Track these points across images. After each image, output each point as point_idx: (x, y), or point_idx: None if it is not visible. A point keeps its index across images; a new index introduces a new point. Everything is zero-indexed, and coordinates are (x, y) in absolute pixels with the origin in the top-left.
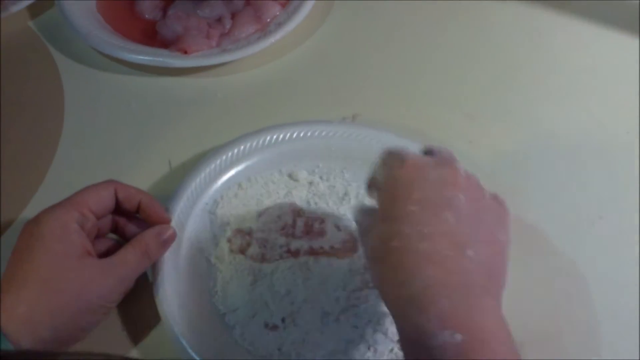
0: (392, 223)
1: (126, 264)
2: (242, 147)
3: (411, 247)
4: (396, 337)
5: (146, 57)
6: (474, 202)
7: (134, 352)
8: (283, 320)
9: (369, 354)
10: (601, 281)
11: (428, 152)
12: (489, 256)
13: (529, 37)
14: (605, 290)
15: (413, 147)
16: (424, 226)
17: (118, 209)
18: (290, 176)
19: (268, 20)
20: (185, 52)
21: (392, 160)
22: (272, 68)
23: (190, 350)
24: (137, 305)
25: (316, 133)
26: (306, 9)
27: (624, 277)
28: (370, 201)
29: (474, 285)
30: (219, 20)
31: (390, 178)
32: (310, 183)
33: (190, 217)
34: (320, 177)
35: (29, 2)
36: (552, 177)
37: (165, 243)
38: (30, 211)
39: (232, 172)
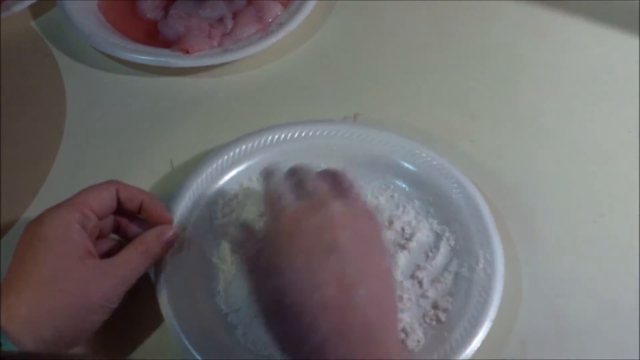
0: (282, 277)
1: (128, 264)
2: (243, 146)
3: (304, 301)
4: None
5: (148, 57)
6: (356, 237)
7: (136, 352)
8: None
9: None
10: (602, 279)
11: (295, 182)
12: (380, 288)
13: (530, 37)
14: (606, 289)
15: (411, 145)
16: (312, 277)
17: (120, 210)
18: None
19: (270, 20)
20: (187, 52)
21: (269, 208)
22: (273, 68)
23: (192, 350)
24: (140, 305)
25: (318, 133)
26: (308, 8)
27: (625, 275)
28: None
29: (370, 323)
30: (221, 20)
31: (271, 232)
32: None
33: (192, 217)
34: None
35: (31, 2)
36: (553, 176)
37: (167, 243)
38: (32, 211)
39: (234, 172)
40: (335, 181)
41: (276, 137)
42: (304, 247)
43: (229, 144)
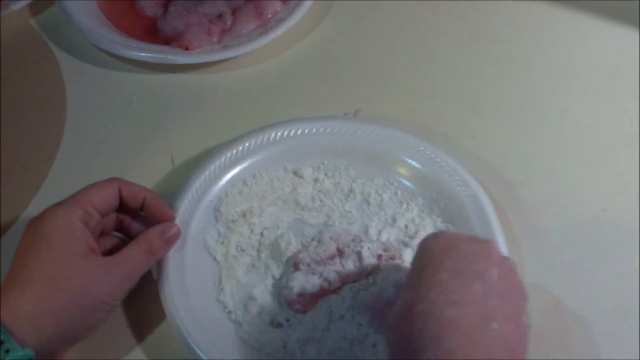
0: (419, 289)
1: (131, 261)
2: (246, 144)
3: (437, 312)
4: None
5: (147, 54)
6: (505, 279)
7: (138, 350)
8: (288, 319)
9: (374, 352)
10: (605, 274)
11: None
12: (512, 333)
13: (532, 33)
14: (609, 284)
15: (414, 142)
16: (451, 294)
17: (122, 207)
18: (295, 173)
19: (269, 16)
20: (187, 49)
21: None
22: (273, 64)
23: (195, 348)
24: (142, 303)
25: (321, 130)
26: (307, 4)
27: (628, 269)
28: None
29: (495, 358)
30: (220, 16)
31: (423, 248)
32: (315, 180)
33: (195, 214)
34: (326, 174)
35: (30, 0)
36: (556, 170)
37: (170, 241)
38: (33, 209)
39: (236, 169)
40: None
41: (279, 134)
42: (453, 266)
43: (231, 141)
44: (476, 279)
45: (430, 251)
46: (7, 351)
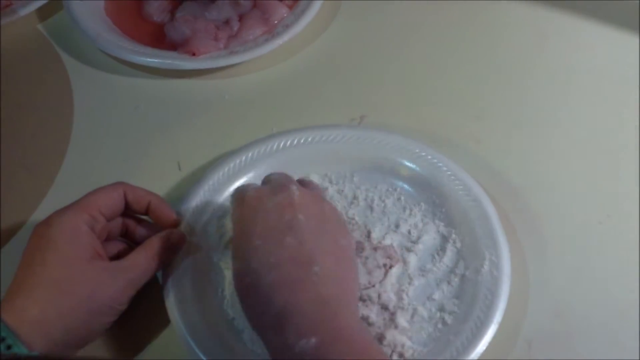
0: (242, 261)
1: (136, 267)
2: (250, 153)
3: (261, 281)
4: (408, 332)
5: (154, 60)
6: (313, 217)
7: (143, 354)
8: None
9: None
10: (609, 280)
11: (265, 182)
12: (335, 264)
13: (535, 38)
14: (613, 290)
15: (416, 147)
16: (269, 257)
17: (127, 211)
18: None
19: (275, 22)
20: (194, 54)
21: (235, 200)
22: (279, 69)
23: (199, 353)
24: (147, 308)
25: (324, 138)
26: (313, 10)
27: (632, 275)
28: None
29: (324, 297)
30: (227, 22)
31: (235, 217)
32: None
33: (200, 221)
34: (330, 182)
35: (38, 5)
36: (559, 176)
37: (175, 247)
38: (40, 213)
39: (242, 179)
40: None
41: (282, 143)
42: (263, 228)
43: (237, 150)
44: (286, 232)
45: (241, 219)
46: (15, 355)
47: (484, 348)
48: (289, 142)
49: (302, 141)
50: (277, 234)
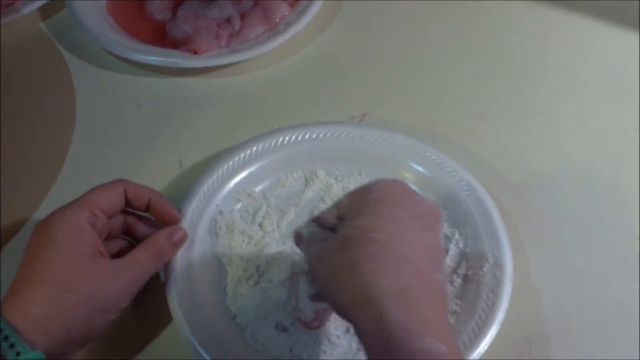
0: (376, 219)
1: (138, 264)
2: (254, 148)
3: (394, 244)
4: None
5: (156, 58)
6: (440, 237)
7: (145, 351)
8: (293, 324)
9: None
10: (611, 278)
11: None
12: (444, 284)
13: (536, 36)
14: (615, 288)
15: (420, 147)
16: (408, 232)
17: (128, 208)
18: (304, 178)
19: (277, 20)
20: (195, 53)
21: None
22: (281, 68)
23: (201, 351)
24: (149, 305)
25: (327, 134)
26: (315, 8)
27: (634, 273)
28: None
29: (443, 303)
30: (228, 20)
31: (377, 185)
32: (324, 185)
33: (202, 218)
34: (336, 179)
35: (40, 3)
36: (561, 174)
37: (177, 244)
38: (42, 211)
39: (244, 174)
40: None
41: (286, 139)
42: (409, 209)
43: (238, 146)
44: (428, 228)
45: (386, 189)
46: (17, 354)
47: (486, 348)
48: (292, 138)
49: (305, 137)
50: (420, 223)
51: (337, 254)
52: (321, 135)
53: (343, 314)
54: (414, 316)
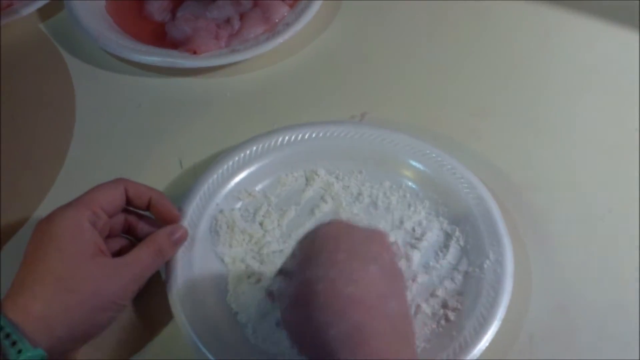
0: (318, 269)
1: (139, 262)
2: (254, 148)
3: (338, 289)
4: None
5: (156, 58)
6: (393, 263)
7: (146, 349)
8: None
9: None
10: (611, 276)
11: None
12: (406, 309)
13: (537, 36)
14: (615, 285)
15: (420, 145)
16: (351, 273)
17: (129, 207)
18: (305, 177)
19: (276, 20)
20: (195, 53)
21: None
22: (280, 68)
23: (202, 348)
24: (150, 303)
25: (328, 134)
26: (314, 8)
27: (635, 271)
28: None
29: (398, 332)
30: (228, 21)
31: (316, 233)
32: (325, 183)
33: (203, 216)
34: (336, 177)
35: (40, 4)
36: (561, 172)
37: (178, 242)
38: (42, 210)
39: (244, 173)
40: None
41: (286, 138)
42: (350, 248)
43: (239, 145)
44: (371, 261)
45: (324, 235)
46: (19, 351)
47: (487, 345)
48: (292, 138)
49: (305, 136)
50: (363, 258)
51: (293, 312)
52: (321, 135)
53: None
54: (369, 353)
